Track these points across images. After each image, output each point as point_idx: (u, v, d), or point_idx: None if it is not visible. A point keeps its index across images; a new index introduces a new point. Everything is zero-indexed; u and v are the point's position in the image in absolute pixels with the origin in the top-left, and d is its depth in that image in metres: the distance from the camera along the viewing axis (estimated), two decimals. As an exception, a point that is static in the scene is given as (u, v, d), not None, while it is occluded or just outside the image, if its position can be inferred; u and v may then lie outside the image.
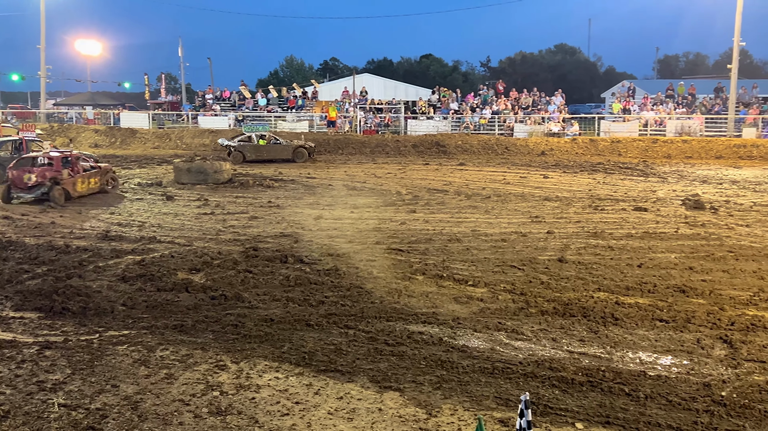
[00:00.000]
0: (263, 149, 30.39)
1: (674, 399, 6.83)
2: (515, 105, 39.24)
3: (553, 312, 9.57)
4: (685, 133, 34.50)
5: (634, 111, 37.69)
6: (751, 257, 12.75)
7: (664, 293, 10.48)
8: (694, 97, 38.70)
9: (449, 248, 13.54)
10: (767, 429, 6.22)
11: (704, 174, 26.42)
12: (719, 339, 8.54)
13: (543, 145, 34.20)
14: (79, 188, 20.13)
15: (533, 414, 6.51)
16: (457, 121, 38.47)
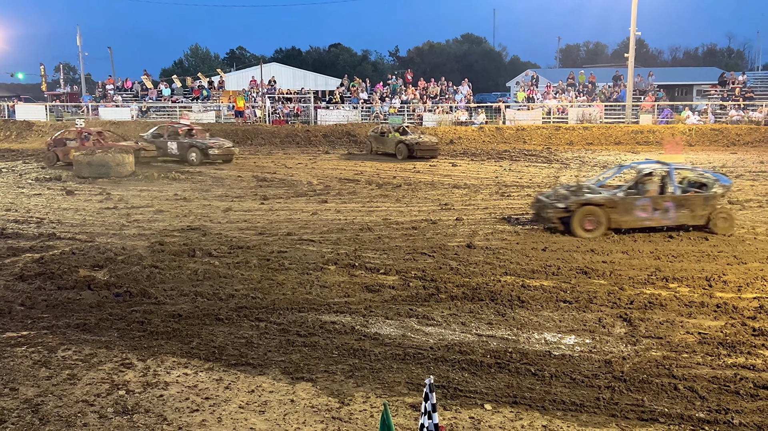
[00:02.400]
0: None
1: (578, 376, 7.08)
2: (424, 94, 39.64)
3: (462, 297, 9.74)
4: (586, 120, 35.71)
5: (538, 99, 38.74)
6: (648, 238, 13.34)
7: (568, 275, 10.84)
8: (594, 85, 40.10)
9: (361, 237, 13.57)
10: (664, 402, 6.53)
11: (604, 159, 27.45)
12: (619, 317, 8.91)
13: (451, 134, 34.70)
14: (70, 156, 23.89)
15: (444, 397, 6.64)
16: (367, 111, 38.54)
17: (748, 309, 9.09)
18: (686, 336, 8.21)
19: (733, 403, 6.49)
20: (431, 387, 3.82)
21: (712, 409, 6.36)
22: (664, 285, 10.29)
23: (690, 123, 34.52)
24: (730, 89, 38.11)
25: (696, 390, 6.72)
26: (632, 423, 6.15)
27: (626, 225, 13.69)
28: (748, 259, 11.70)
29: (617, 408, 6.39)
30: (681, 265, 11.39)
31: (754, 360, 7.48)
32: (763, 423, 6.09)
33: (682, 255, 12.06)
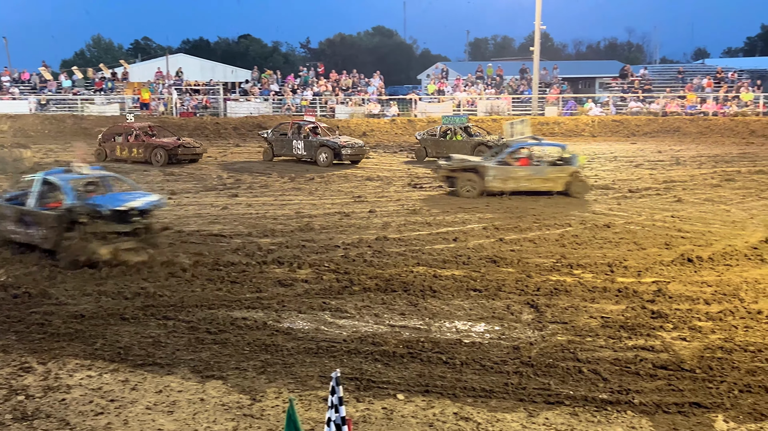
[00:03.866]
0: None
1: (487, 363, 7.23)
2: (336, 86, 39.54)
3: (375, 288, 9.77)
4: (494, 112, 36.46)
5: (448, 92, 39.27)
6: (554, 225, 13.76)
7: (478, 264, 11.04)
8: (501, 78, 40.96)
9: (273, 231, 13.42)
10: (569, 385, 6.75)
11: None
12: (527, 304, 9.14)
13: (364, 126, 34.77)
14: (117, 153, 23.70)
15: (357, 389, 6.65)
16: (278, 103, 38.12)
17: (648, 293, 9.49)
18: (590, 321, 8.50)
19: (634, 383, 6.76)
20: (338, 380, 3.81)
21: (614, 390, 6.61)
22: (569, 271, 10.62)
23: (593, 114, 35.76)
24: (630, 82, 39.66)
25: (599, 373, 6.97)
26: (539, 406, 6.33)
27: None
28: (647, 245, 12.23)
29: (525, 393, 6.56)
30: (585, 252, 11.79)
31: (653, 342, 7.81)
32: (661, 401, 6.38)
33: (585, 242, 12.48)
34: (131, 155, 23.75)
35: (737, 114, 34.21)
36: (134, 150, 23.70)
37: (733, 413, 6.19)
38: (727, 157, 24.91)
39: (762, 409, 6.24)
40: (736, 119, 33.36)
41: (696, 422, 6.04)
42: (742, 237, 12.74)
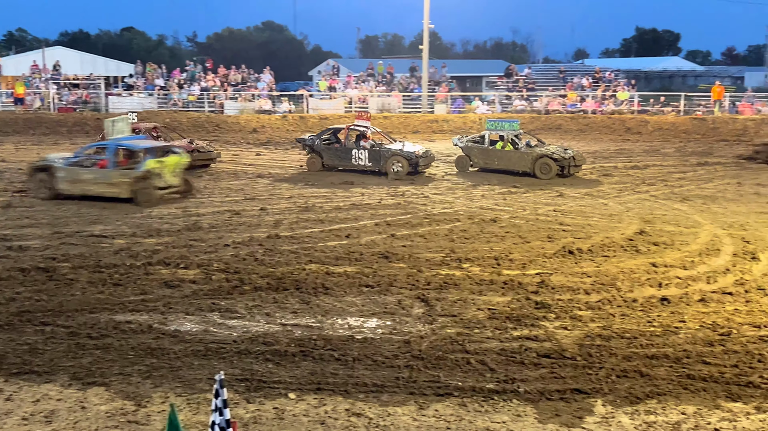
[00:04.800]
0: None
1: (379, 358, 7.29)
2: (224, 82, 38.73)
3: (267, 287, 9.65)
4: (385, 109, 36.78)
5: (339, 89, 39.29)
6: (443, 221, 14.02)
7: (370, 260, 11.11)
8: (392, 75, 41.36)
9: (159, 231, 12.99)
10: (458, 376, 6.90)
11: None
12: (417, 298, 9.28)
13: (254, 123, 34.22)
14: None
15: (247, 390, 6.55)
16: (163, 98, 36.93)
17: (532, 285, 9.84)
18: (477, 313, 8.73)
19: (519, 372, 7.00)
20: (222, 383, 3.73)
21: (500, 380, 6.82)
22: (458, 265, 10.86)
23: (480, 113, 36.69)
24: (515, 81, 40.96)
25: (486, 363, 7.17)
26: (429, 398, 6.44)
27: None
28: (532, 238, 12.67)
29: (416, 386, 6.66)
30: (473, 246, 12.08)
31: (537, 332, 8.11)
32: (545, 389, 6.63)
33: (473, 236, 12.80)
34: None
35: (614, 112, 35.98)
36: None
37: (611, 397, 6.51)
38: (605, 153, 26.15)
39: (637, 393, 6.60)
40: (613, 117, 35.07)
41: (577, 407, 6.32)
42: (618, 229, 13.40)
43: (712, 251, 11.79)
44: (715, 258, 11.39)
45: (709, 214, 14.93)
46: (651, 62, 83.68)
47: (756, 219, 14.35)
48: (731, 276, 10.40)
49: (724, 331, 8.13)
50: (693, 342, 7.81)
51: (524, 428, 5.97)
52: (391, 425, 6.01)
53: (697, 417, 6.18)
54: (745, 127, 32.89)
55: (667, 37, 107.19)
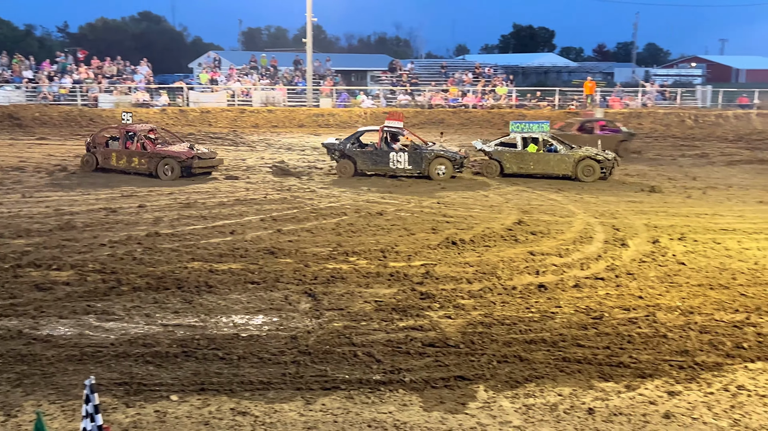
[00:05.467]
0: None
1: (265, 355, 7.20)
2: (99, 74, 37.04)
3: (146, 287, 9.32)
4: (269, 103, 36.33)
5: (222, 82, 38.46)
6: (330, 215, 14.01)
7: (255, 256, 10.94)
8: (276, 68, 40.92)
9: (29, 231, 12.27)
10: (345, 369, 6.92)
11: (289, 142, 28.22)
12: (304, 293, 9.23)
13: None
14: (113, 162, 18.91)
15: (126, 394, 6.31)
16: (32, 92, 34.90)
17: (417, 276, 10.00)
18: (364, 305, 8.78)
19: (405, 362, 7.09)
20: (92, 388, 3.56)
21: (387, 370, 6.89)
22: (345, 259, 10.88)
23: (365, 107, 36.92)
24: (399, 75, 41.50)
25: (373, 355, 7.22)
26: (316, 393, 6.42)
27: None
28: (416, 230, 12.87)
29: (302, 381, 6.62)
30: (359, 239, 12.14)
31: (422, 322, 8.25)
32: (430, 377, 6.76)
33: (360, 230, 12.86)
34: (131, 165, 18.70)
35: (494, 106, 37.16)
36: (135, 159, 18.66)
37: (492, 382, 6.72)
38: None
39: (517, 377, 6.84)
40: (493, 111, 36.21)
41: (461, 394, 6.48)
42: (498, 220, 13.84)
43: (585, 239, 12.38)
44: (588, 245, 11.96)
45: (582, 203, 15.67)
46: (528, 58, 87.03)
47: (625, 207, 15.19)
48: (603, 262, 10.96)
49: (597, 315, 8.55)
50: (568, 326, 8.17)
51: (410, 417, 6.06)
52: (277, 422, 5.95)
53: (573, 397, 6.48)
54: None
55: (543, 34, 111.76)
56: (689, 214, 14.70)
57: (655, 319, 8.43)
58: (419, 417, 6.05)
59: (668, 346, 7.65)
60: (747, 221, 14.06)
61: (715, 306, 8.95)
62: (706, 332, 8.06)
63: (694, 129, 33.14)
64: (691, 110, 37.64)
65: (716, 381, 6.87)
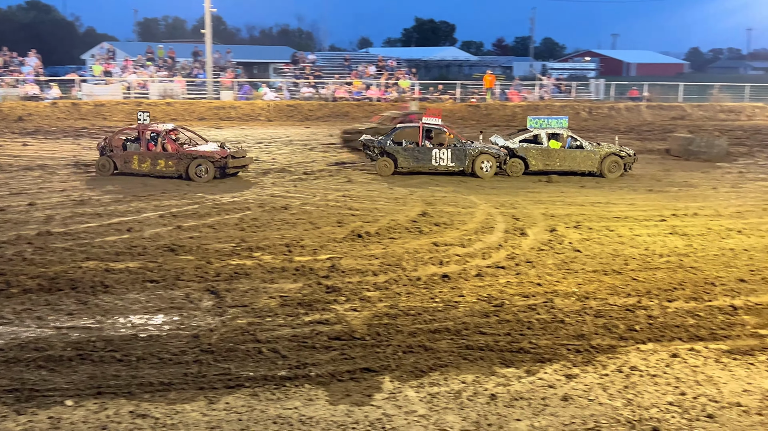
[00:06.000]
0: None
1: (166, 356, 6.99)
2: (-17, 65, 34.97)
3: (38, 289, 8.88)
4: (168, 96, 35.32)
5: (116, 74, 37.08)
6: (233, 210, 13.75)
7: (155, 254, 10.61)
8: (174, 60, 39.80)
9: None
10: (249, 366, 6.81)
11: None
12: (207, 291, 9.02)
13: (20, 110, 31.28)
14: (134, 165, 17.42)
15: (17, 401, 6.01)
16: None
17: (323, 270, 9.96)
18: (269, 301, 8.67)
19: (311, 357, 7.05)
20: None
21: (292, 366, 6.83)
22: (249, 254, 10.71)
23: (268, 99, 36.46)
24: (302, 68, 41.18)
25: (278, 351, 7.14)
26: (220, 392, 6.29)
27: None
28: (322, 224, 12.82)
29: (205, 380, 6.47)
30: (264, 234, 11.98)
31: (327, 315, 8.22)
32: (336, 371, 6.74)
33: (264, 224, 12.69)
34: (156, 168, 17.39)
35: (397, 99, 37.44)
36: (161, 161, 17.40)
37: (398, 373, 6.77)
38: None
39: (422, 366, 6.92)
40: (397, 104, 36.47)
41: (366, 386, 6.50)
42: (403, 212, 13.96)
43: (487, 229, 12.66)
44: (490, 235, 12.24)
45: (483, 194, 16.01)
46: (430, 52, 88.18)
47: (524, 198, 15.64)
48: (503, 251, 11.24)
49: (498, 302, 8.77)
50: (471, 315, 8.34)
51: (316, 411, 6.03)
52: (179, 423, 5.79)
53: (476, 384, 6.61)
54: (514, 113, 35.70)
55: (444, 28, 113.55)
56: (584, 203, 15.29)
57: (553, 305, 8.72)
58: (325, 411, 6.03)
59: (566, 331, 7.93)
60: (638, 209, 14.75)
61: (609, 291, 9.34)
62: (601, 316, 8.40)
63: (589, 121, 34.47)
64: (585, 103, 39.18)
65: (611, 363, 7.17)
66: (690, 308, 8.75)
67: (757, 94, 44.49)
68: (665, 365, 7.14)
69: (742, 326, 8.21)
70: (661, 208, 14.76)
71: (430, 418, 5.97)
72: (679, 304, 8.89)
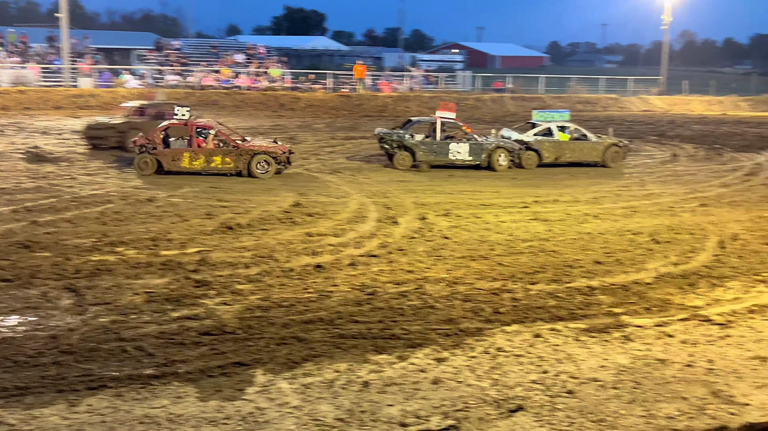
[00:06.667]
0: None
1: (21, 358, 6.58)
2: None
3: None
4: (20, 83, 33.11)
5: (-39, 58, 34.36)
6: (93, 203, 13.08)
7: (7, 251, 9.93)
8: (27, 45, 37.36)
9: None
10: (113, 366, 6.51)
11: (45, 125, 25.85)
12: (65, 289, 8.55)
13: None
14: (185, 163, 16.42)
15: None
16: None
17: (191, 263, 9.67)
18: (134, 298, 8.32)
19: (179, 354, 6.83)
20: None
21: (159, 364, 6.59)
22: (111, 250, 10.23)
23: (130, 87, 34.95)
24: (166, 55, 39.77)
25: (144, 349, 6.88)
26: (81, 394, 5.98)
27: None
28: (190, 217, 12.43)
29: (65, 383, 6.13)
30: (128, 228, 11.48)
31: (197, 310, 8.00)
32: (206, 367, 6.57)
33: (128, 218, 12.16)
34: (210, 165, 16.47)
35: (268, 88, 36.97)
36: (217, 158, 16.46)
37: (270, 365, 6.69)
38: (261, 128, 26.69)
39: (295, 357, 6.87)
40: (267, 93, 36.02)
41: (238, 380, 6.38)
42: (276, 203, 13.79)
43: (360, 218, 12.75)
44: (362, 224, 12.33)
45: (356, 184, 16.11)
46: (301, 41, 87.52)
47: (395, 187, 15.87)
48: (376, 240, 11.36)
49: (371, 291, 8.85)
50: (344, 304, 8.37)
51: (185, 408, 5.85)
52: (37, 428, 5.45)
53: (349, 372, 6.65)
54: (385, 103, 36.18)
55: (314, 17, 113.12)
56: (453, 191, 15.71)
57: (424, 292, 8.91)
58: (195, 408, 5.87)
59: (436, 316, 8.12)
60: (502, 196, 15.33)
61: (476, 276, 9.65)
62: (469, 300, 8.67)
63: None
64: (453, 94, 40.29)
65: (478, 345, 7.42)
66: (551, 290, 9.20)
67: (611, 87, 47.43)
68: (529, 345, 7.47)
69: (598, 305, 8.72)
70: (524, 195, 15.42)
71: (303, 409, 5.95)
72: (541, 287, 9.32)
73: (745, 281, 9.90)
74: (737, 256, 11.06)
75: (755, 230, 12.82)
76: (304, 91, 37.45)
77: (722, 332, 8.05)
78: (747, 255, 11.16)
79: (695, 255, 11.10)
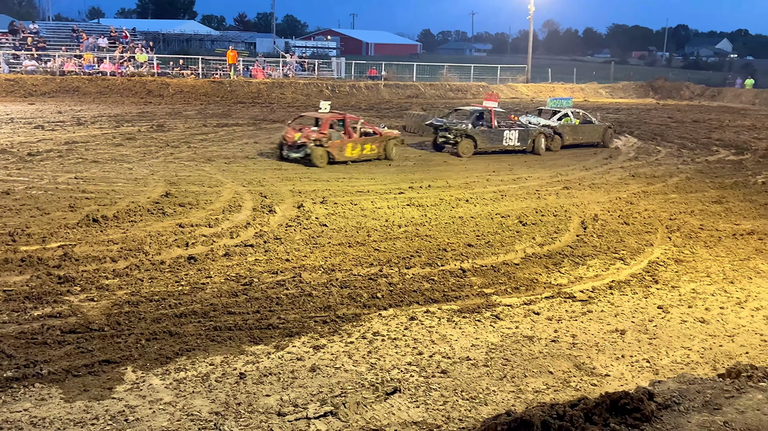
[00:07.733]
0: None
1: None
2: None
3: None
4: None
5: None
6: (-59, 198, 12.13)
7: None
8: None
9: None
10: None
11: None
12: None
13: None
14: (348, 153, 17.80)
15: None
16: None
17: (54, 259, 9.16)
18: (-10, 297, 7.80)
19: (42, 354, 6.47)
20: None
21: (20, 365, 6.21)
22: (-37, 246, 9.53)
23: (-17, 72, 32.57)
24: (23, 39, 37.32)
25: (3, 350, 6.46)
26: (-69, 404, 5.54)
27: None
28: (51, 209, 11.78)
29: None
30: (-19, 223, 10.73)
31: (60, 308, 7.60)
32: (71, 366, 6.26)
33: (-18, 212, 11.37)
34: (363, 153, 18.32)
35: (134, 74, 35.44)
36: (367, 146, 18.34)
37: (141, 362, 6.46)
38: (128, 116, 25.62)
39: (167, 352, 6.67)
40: (134, 79, 34.52)
41: (106, 378, 6.12)
42: (144, 193, 13.29)
43: (235, 208, 12.51)
44: (237, 214, 12.11)
45: (230, 173, 15.78)
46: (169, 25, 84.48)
47: (271, 175, 15.67)
48: (252, 229, 11.19)
49: (247, 281, 8.72)
50: (219, 296, 8.20)
51: (50, 411, 5.55)
52: None
53: (225, 365, 6.53)
54: (259, 89, 35.60)
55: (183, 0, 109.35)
56: (329, 179, 15.71)
57: (301, 280, 8.87)
58: (60, 410, 5.58)
59: (313, 304, 8.11)
60: (378, 183, 15.49)
61: (353, 262, 9.72)
62: (346, 287, 8.72)
63: (332, 99, 35.38)
64: (328, 81, 40.19)
65: (355, 330, 7.48)
66: (426, 273, 9.41)
67: (481, 75, 48.88)
68: (404, 328, 7.61)
69: (470, 287, 9.01)
70: (399, 182, 15.65)
71: (176, 404, 5.78)
72: (416, 270, 9.52)
73: (604, 259, 10.53)
74: (597, 236, 11.73)
75: (614, 210, 13.64)
76: (173, 77, 36.19)
77: (584, 308, 8.53)
78: (606, 234, 11.86)
79: (559, 235, 11.67)
